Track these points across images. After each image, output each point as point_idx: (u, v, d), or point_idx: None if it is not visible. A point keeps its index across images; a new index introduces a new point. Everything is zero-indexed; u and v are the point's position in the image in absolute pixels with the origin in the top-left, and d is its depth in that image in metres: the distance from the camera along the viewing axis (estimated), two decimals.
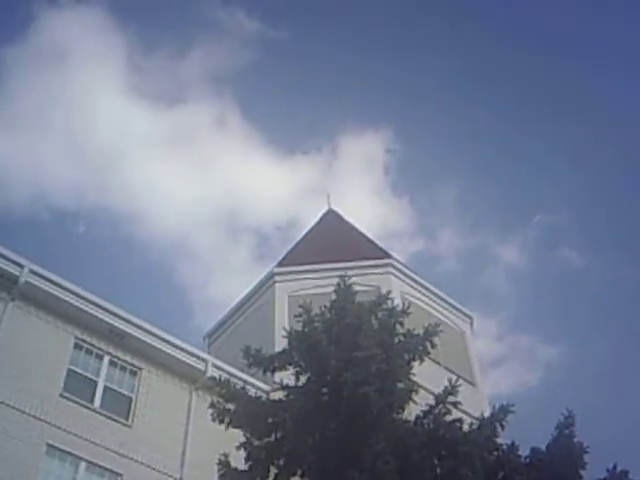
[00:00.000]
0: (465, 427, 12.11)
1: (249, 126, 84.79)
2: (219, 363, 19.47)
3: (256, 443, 12.19)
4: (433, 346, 12.81)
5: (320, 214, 31.01)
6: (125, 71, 72.43)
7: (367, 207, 63.88)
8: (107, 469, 16.56)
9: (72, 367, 17.35)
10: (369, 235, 29.72)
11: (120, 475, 16.69)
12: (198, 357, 19.52)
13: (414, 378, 12.75)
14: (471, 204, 74.00)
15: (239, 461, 12.37)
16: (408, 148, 72.91)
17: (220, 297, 65.28)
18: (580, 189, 65.78)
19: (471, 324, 26.32)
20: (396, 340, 12.67)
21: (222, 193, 70.22)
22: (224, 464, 12.27)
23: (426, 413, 12.37)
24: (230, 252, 69.17)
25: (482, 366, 25.09)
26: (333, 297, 13.23)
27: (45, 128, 61.42)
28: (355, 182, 67.18)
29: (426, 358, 13.17)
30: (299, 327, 12.78)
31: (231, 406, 12.45)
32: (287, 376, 13.11)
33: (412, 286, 24.87)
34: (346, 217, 30.99)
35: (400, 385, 12.14)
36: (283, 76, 69.02)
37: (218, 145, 69.81)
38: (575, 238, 69.91)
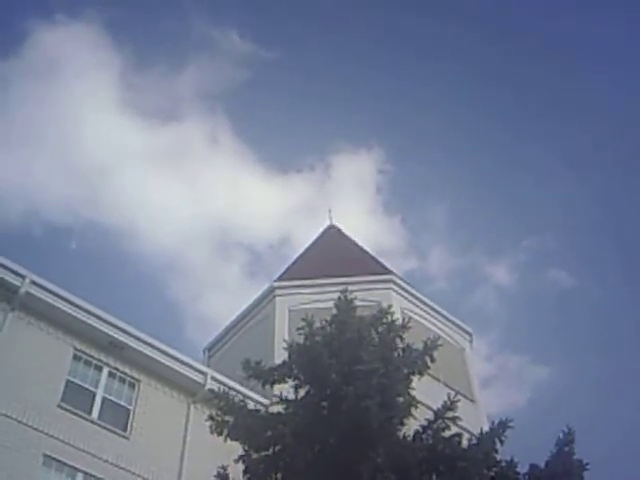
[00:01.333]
0: (464, 443, 12.07)
1: (241, 144, 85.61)
2: (218, 376, 19.44)
3: (254, 456, 12.13)
4: (432, 360, 12.79)
5: (321, 229, 31.09)
6: (119, 87, 73.05)
7: (360, 226, 64.26)
8: None
9: (71, 378, 17.33)
10: (370, 251, 29.79)
11: None
12: (197, 370, 19.51)
13: (413, 393, 12.73)
14: (462, 224, 74.98)
15: (237, 474, 12.31)
16: (400, 168, 73.82)
17: (211, 313, 65.57)
18: (570, 211, 66.47)
19: (470, 341, 26.32)
20: (396, 354, 12.66)
21: (214, 209, 70.57)
22: (222, 477, 12.21)
23: (425, 428, 12.32)
24: (222, 268, 69.44)
25: (481, 382, 25.05)
26: (334, 311, 13.23)
27: (38, 143, 61.82)
28: (348, 201, 67.43)
29: (425, 374, 13.15)
30: (299, 341, 12.78)
31: (230, 418, 12.40)
32: (286, 389, 13.09)
33: (412, 302, 24.90)
34: (347, 232, 31.09)
35: (400, 399, 12.11)
36: (275, 95, 70.13)
37: (210, 162, 70.34)
38: (564, 259, 70.62)
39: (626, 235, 65.69)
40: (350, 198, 68.45)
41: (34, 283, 17.18)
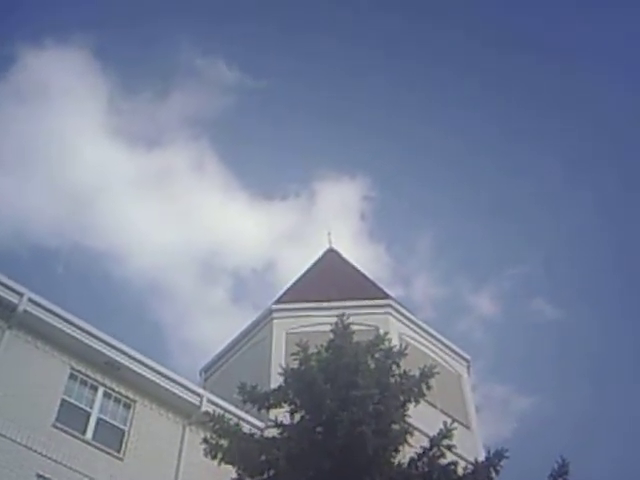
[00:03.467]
0: (459, 471, 12.04)
1: (227, 170, 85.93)
2: (214, 398, 19.36)
3: None
4: (429, 388, 12.80)
5: (320, 252, 31.10)
6: (106, 112, 73.55)
7: (344, 253, 64.34)
8: None
9: (66, 397, 17.24)
10: (368, 275, 29.79)
11: None
12: (193, 392, 19.41)
13: (409, 420, 12.72)
14: (446, 252, 75.37)
15: None
16: (384, 196, 74.30)
17: (195, 337, 65.40)
18: (553, 242, 66.79)
19: (468, 367, 26.23)
20: (392, 381, 12.66)
21: (199, 235, 70.66)
22: None
23: (420, 455, 12.30)
24: (206, 293, 69.52)
25: (478, 409, 24.93)
26: (331, 336, 13.25)
27: (25, 166, 61.93)
28: (332, 228, 67.65)
29: (422, 400, 13.15)
30: (296, 365, 12.78)
31: (224, 442, 12.39)
32: (282, 414, 13.07)
33: (410, 327, 24.85)
34: (346, 256, 31.11)
35: (395, 426, 12.10)
36: (260, 123, 70.92)
37: (196, 188, 70.67)
38: (548, 290, 70.81)
39: (611, 265, 66.27)
40: (334, 225, 68.81)
41: (32, 301, 17.14)
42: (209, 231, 69.48)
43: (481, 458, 12.69)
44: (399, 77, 69.76)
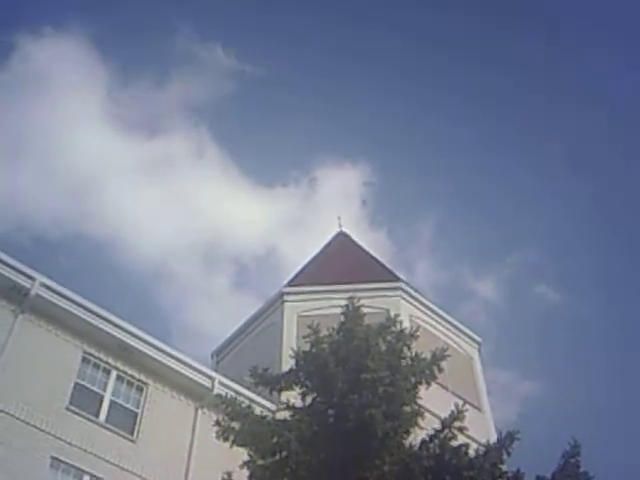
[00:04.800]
0: (471, 453, 12.03)
1: (226, 158, 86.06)
2: (226, 381, 19.46)
3: (260, 462, 12.13)
4: (440, 370, 12.79)
5: (330, 236, 31.10)
6: (105, 100, 73.49)
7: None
8: None
9: (79, 381, 17.38)
10: (379, 258, 29.77)
11: None
12: (205, 374, 19.51)
13: (420, 402, 12.71)
14: (448, 239, 75.39)
15: None
16: (385, 181, 74.35)
17: (197, 323, 65.51)
18: (556, 227, 66.69)
19: (479, 349, 26.23)
20: (403, 363, 12.65)
21: (200, 223, 70.79)
22: None
23: (432, 438, 12.29)
24: (208, 280, 69.62)
25: (494, 389, 24.97)
26: (341, 319, 13.25)
27: (25, 155, 61.94)
28: (333, 214, 67.67)
29: (433, 382, 13.15)
30: (307, 347, 12.80)
31: (236, 424, 12.42)
32: (293, 396, 13.10)
33: (421, 310, 24.87)
34: (356, 239, 31.09)
35: (406, 409, 12.09)
36: (259, 109, 71.15)
37: (196, 175, 70.85)
38: (550, 275, 70.70)
39: (612, 250, 66.15)
40: (335, 211, 68.69)
41: (44, 286, 17.24)
42: (210, 218, 69.50)
43: (493, 440, 12.68)
44: (400, 63, 69.69)
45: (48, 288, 17.33)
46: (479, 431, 17.45)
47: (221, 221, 68.99)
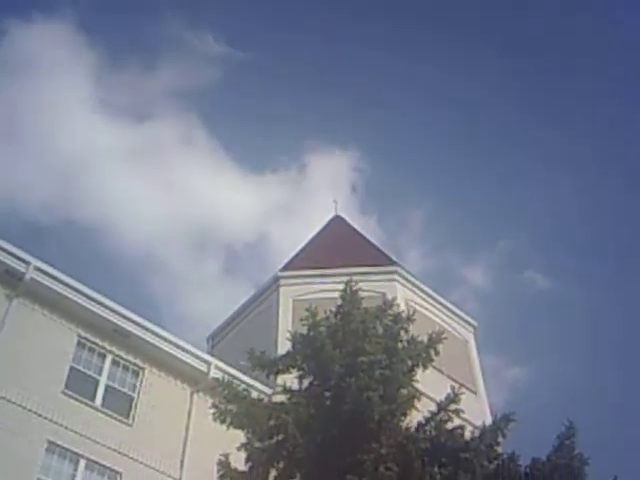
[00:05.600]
0: (467, 435, 12.10)
1: (215, 143, 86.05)
2: (222, 365, 19.45)
3: (257, 445, 12.17)
4: (437, 353, 12.82)
5: (325, 220, 31.04)
6: (93, 85, 73.36)
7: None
8: (107, 467, 16.57)
9: (75, 365, 17.35)
10: (375, 242, 29.75)
11: (119, 474, 16.69)
12: (201, 359, 19.51)
13: (417, 385, 12.74)
14: (438, 225, 75.35)
15: (239, 462, 12.36)
16: (375, 168, 74.24)
17: (187, 310, 65.36)
18: (543, 213, 66.90)
19: (474, 333, 26.28)
20: (400, 346, 12.67)
21: (190, 208, 70.20)
22: (224, 464, 12.26)
23: (428, 420, 12.36)
24: (198, 266, 69.43)
25: (486, 374, 25.01)
26: (339, 302, 13.25)
27: (13, 141, 61.64)
28: (323, 200, 67.66)
29: (429, 366, 13.18)
30: (303, 331, 12.80)
31: (233, 407, 12.44)
32: (290, 379, 13.11)
33: (417, 293, 24.87)
34: (352, 223, 31.06)
35: (403, 392, 12.13)
36: (249, 95, 70.75)
37: (185, 160, 70.41)
38: (539, 261, 70.86)
39: (602, 236, 66.45)
40: (325, 197, 68.69)
41: (39, 270, 17.17)
42: (200, 204, 69.24)
43: (488, 423, 12.74)
44: (390, 48, 69.34)
45: (43, 272, 17.26)
46: (475, 414, 17.50)
47: (211, 207, 68.79)
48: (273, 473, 12.21)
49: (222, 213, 70.58)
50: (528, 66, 66.02)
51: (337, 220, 30.69)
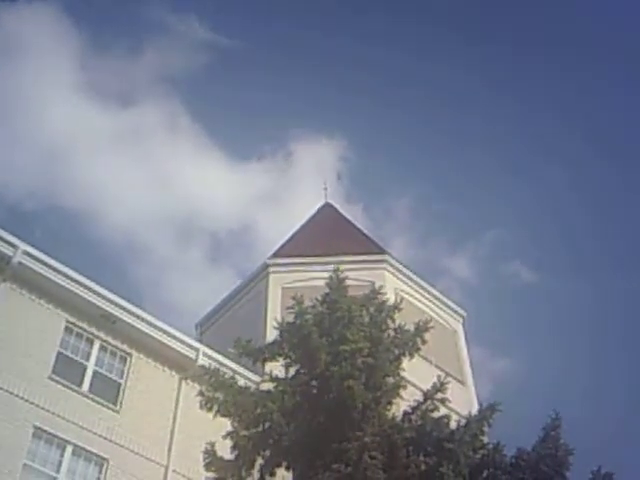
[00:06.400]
0: (453, 424, 12.13)
1: (200, 130, 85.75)
2: (210, 352, 19.42)
3: (243, 433, 12.18)
4: (424, 342, 12.84)
5: (317, 207, 31.02)
6: (77, 69, 73.26)
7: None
8: (93, 453, 16.54)
9: (62, 350, 17.28)
10: (364, 230, 29.75)
11: (106, 460, 16.67)
12: (189, 345, 19.46)
13: (403, 374, 12.77)
14: (423, 215, 75.45)
15: (225, 450, 12.37)
16: (361, 157, 74.25)
17: (171, 297, 65.25)
18: (530, 206, 67.18)
19: (463, 323, 26.33)
20: (386, 335, 12.68)
21: (174, 195, 70.33)
22: (210, 453, 12.27)
23: (414, 409, 12.39)
24: (183, 253, 69.46)
25: (473, 365, 25.08)
26: (326, 290, 13.24)
27: None
28: (308, 188, 67.58)
29: (417, 355, 13.20)
30: (291, 319, 12.79)
31: (220, 395, 12.43)
32: (277, 367, 13.12)
33: (406, 283, 24.89)
34: (342, 211, 31.03)
35: (389, 380, 12.15)
36: (234, 82, 71.04)
37: (170, 146, 70.61)
38: (525, 253, 71.23)
39: (587, 229, 66.82)
40: (311, 185, 68.67)
41: (27, 254, 17.05)
42: (184, 191, 69.34)
43: (474, 412, 12.78)
44: (376, 36, 69.36)
45: (31, 256, 17.15)
46: (462, 404, 17.58)
47: (195, 194, 68.72)
48: (259, 461, 12.22)
49: (207, 200, 70.68)
50: (517, 69, 66.10)
51: (327, 208, 30.67)
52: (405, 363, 12.86)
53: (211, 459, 12.25)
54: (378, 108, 69.87)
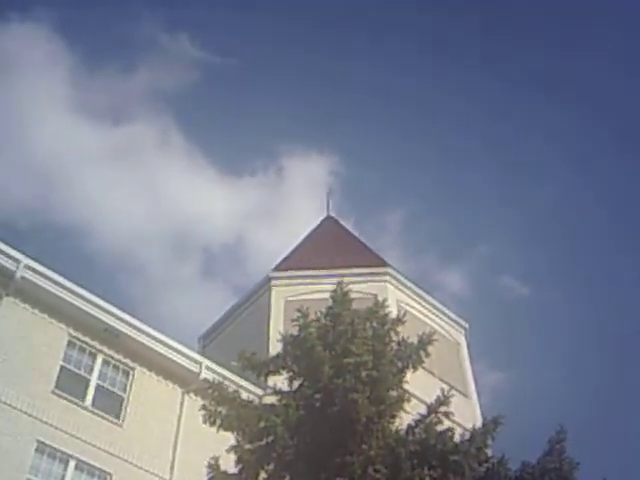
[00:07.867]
0: (456, 437, 12.08)
1: (193, 146, 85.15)
2: (213, 365, 19.41)
3: (246, 447, 12.12)
4: (427, 355, 12.80)
5: (318, 220, 31.05)
6: (70, 87, 73.35)
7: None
8: (97, 468, 16.54)
9: (65, 364, 17.30)
10: (367, 243, 29.75)
11: (109, 474, 16.66)
12: (192, 359, 19.47)
13: (407, 387, 12.73)
14: (415, 230, 75.62)
15: (229, 464, 12.32)
16: (352, 171, 74.68)
17: (166, 310, 65.13)
18: (521, 221, 67.36)
19: (466, 335, 26.29)
20: (389, 348, 12.65)
21: (168, 211, 70.19)
22: (213, 467, 12.20)
23: (418, 422, 12.33)
24: (176, 268, 69.45)
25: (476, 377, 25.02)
26: (329, 303, 13.23)
27: None
28: (301, 203, 67.79)
29: (420, 368, 13.16)
30: (294, 332, 12.77)
31: (223, 409, 12.40)
32: (281, 381, 13.08)
33: (409, 295, 24.89)
34: (344, 224, 31.06)
35: (392, 393, 12.10)
36: (226, 99, 72.25)
37: (162, 163, 70.96)
38: (517, 268, 71.37)
39: (578, 242, 67.00)
40: (302, 200, 68.92)
41: (29, 268, 17.10)
42: (177, 207, 69.22)
43: (478, 425, 12.74)
44: (365, 52, 69.78)
45: (33, 270, 17.19)
46: (465, 417, 17.53)
47: (189, 210, 68.82)
48: (263, 475, 12.17)
49: (200, 215, 70.67)
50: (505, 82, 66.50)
51: (329, 221, 30.70)
52: (409, 376, 12.83)
53: (215, 473, 12.19)
54: (369, 124, 70.56)
